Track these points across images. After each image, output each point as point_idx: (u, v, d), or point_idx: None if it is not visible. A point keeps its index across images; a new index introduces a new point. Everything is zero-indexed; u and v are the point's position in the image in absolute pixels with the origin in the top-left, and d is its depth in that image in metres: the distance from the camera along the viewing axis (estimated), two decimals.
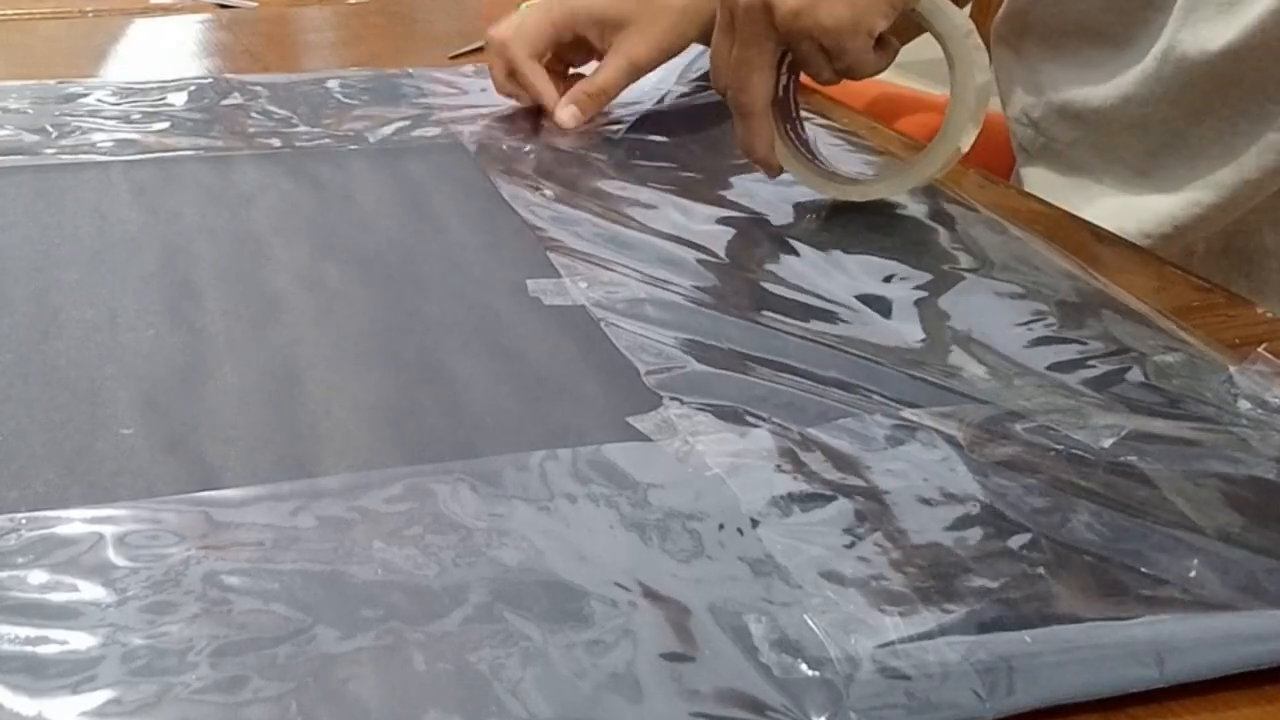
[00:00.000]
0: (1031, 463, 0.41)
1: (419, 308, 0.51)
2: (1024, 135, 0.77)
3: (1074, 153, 0.74)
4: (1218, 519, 0.38)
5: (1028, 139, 0.77)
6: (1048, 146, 0.76)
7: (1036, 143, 0.76)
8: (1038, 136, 0.76)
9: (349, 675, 0.31)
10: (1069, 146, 0.74)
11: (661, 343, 0.48)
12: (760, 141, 0.61)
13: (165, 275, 0.52)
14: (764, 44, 0.58)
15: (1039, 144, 0.76)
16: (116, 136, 0.68)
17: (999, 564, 0.36)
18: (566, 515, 0.38)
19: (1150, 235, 0.70)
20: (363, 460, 0.40)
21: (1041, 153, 0.76)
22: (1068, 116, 0.74)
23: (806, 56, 0.58)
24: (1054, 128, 0.75)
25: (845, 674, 0.32)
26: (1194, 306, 0.54)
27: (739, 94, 0.60)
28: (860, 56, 0.57)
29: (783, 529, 0.37)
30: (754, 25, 0.57)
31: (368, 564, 0.35)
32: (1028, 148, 0.77)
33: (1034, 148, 0.77)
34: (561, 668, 0.32)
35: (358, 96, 0.77)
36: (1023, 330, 0.50)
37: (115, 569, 0.34)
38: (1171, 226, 0.70)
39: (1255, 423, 0.44)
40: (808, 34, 0.56)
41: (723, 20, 0.60)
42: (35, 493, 0.38)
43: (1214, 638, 0.34)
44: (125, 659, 0.31)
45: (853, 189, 0.62)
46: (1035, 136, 0.76)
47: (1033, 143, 0.77)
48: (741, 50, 0.58)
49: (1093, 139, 0.73)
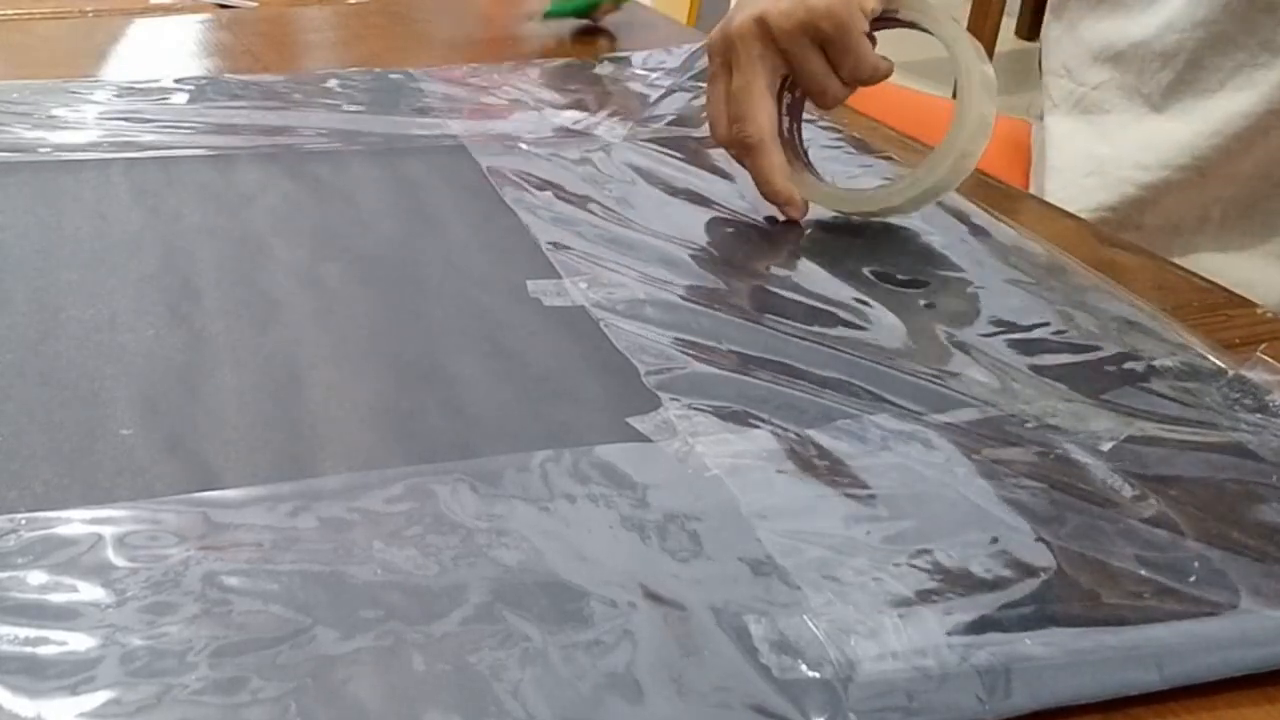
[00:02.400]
0: (1031, 466, 0.41)
1: (419, 308, 0.51)
2: (1059, 88, 0.78)
3: (1100, 95, 0.75)
4: (1218, 523, 0.38)
5: (1062, 91, 0.78)
6: (1075, 93, 0.77)
7: (1065, 90, 0.77)
8: (1071, 85, 0.77)
9: (348, 676, 0.31)
10: (1095, 89, 0.75)
11: (661, 343, 0.48)
12: (777, 172, 0.58)
13: (165, 275, 0.52)
14: (762, 64, 0.57)
15: (1067, 92, 0.77)
16: (117, 136, 0.68)
17: (998, 567, 0.36)
18: (566, 516, 0.38)
19: (1169, 166, 0.71)
20: (362, 461, 0.40)
21: (1068, 99, 0.78)
22: (1101, 59, 0.75)
23: (807, 66, 0.57)
24: (1086, 72, 0.76)
25: (844, 675, 0.32)
26: (1194, 306, 0.54)
27: (744, 126, 0.58)
28: (859, 46, 0.56)
29: (782, 530, 0.37)
30: (750, 45, 0.57)
31: (367, 564, 0.35)
32: (1057, 99, 0.78)
33: (1063, 96, 0.78)
34: (561, 668, 0.32)
35: (358, 97, 0.77)
36: (1024, 335, 0.50)
37: (114, 569, 0.34)
38: (1190, 157, 0.70)
39: (1255, 427, 0.44)
40: (804, 29, 0.56)
41: (713, 69, 0.59)
42: (34, 493, 0.38)
43: (1214, 641, 0.34)
44: (124, 660, 0.31)
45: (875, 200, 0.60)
46: (1067, 85, 0.77)
47: (1063, 92, 0.78)
48: (740, 77, 0.57)
49: (1119, 79, 0.74)
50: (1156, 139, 0.72)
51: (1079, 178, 0.75)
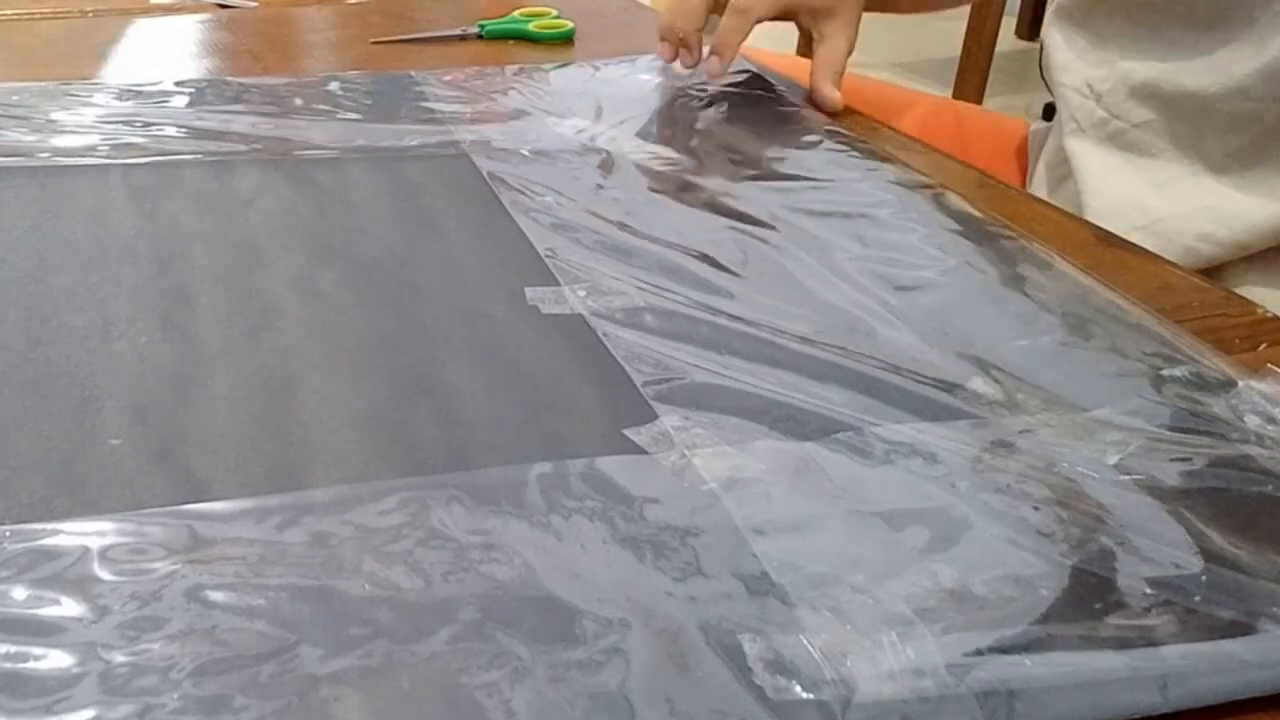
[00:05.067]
0: (1036, 479, 0.40)
1: (415, 315, 0.50)
2: (1082, 107, 0.75)
3: (1142, 135, 0.72)
4: (1225, 539, 0.38)
5: (1085, 112, 0.75)
6: (1109, 123, 0.73)
7: (1095, 117, 0.74)
8: (1100, 112, 0.74)
9: (334, 695, 0.31)
10: (1137, 128, 0.72)
11: (660, 353, 0.47)
12: None
13: (160, 281, 0.52)
14: None
15: (1098, 119, 0.74)
16: (115, 139, 0.67)
17: (1000, 585, 0.35)
18: (559, 530, 0.37)
19: (1242, 246, 0.66)
20: (354, 472, 0.40)
21: (1099, 128, 0.74)
22: (1144, 96, 0.71)
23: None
24: (1123, 105, 0.72)
25: (841, 697, 0.31)
26: (1194, 306, 0.54)
27: None
28: None
29: (780, 546, 0.37)
30: None
31: (356, 579, 0.35)
32: (1082, 121, 0.75)
33: (1090, 121, 0.74)
34: (552, 688, 0.31)
35: (359, 100, 0.76)
36: (1027, 343, 0.49)
37: (98, 584, 0.34)
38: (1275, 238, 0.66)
39: (1263, 439, 0.43)
40: None
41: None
42: (20, 504, 0.37)
43: (1221, 662, 0.33)
44: (104, 677, 0.31)
45: None
46: (1096, 111, 0.74)
47: (1090, 116, 0.74)
48: None
49: (1170, 125, 0.70)
50: (1225, 212, 0.68)
51: (1125, 227, 0.69)
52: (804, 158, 0.69)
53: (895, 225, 0.60)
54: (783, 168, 0.68)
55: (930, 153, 0.72)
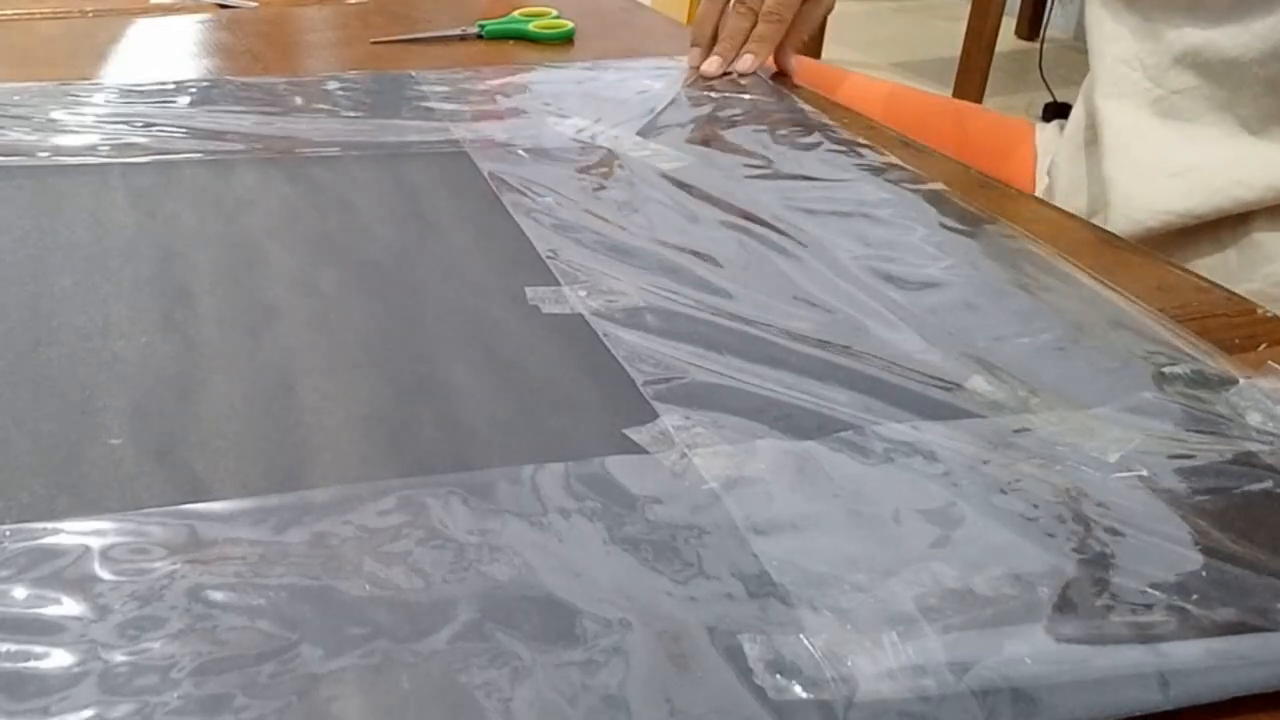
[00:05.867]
0: (1036, 478, 0.40)
1: (415, 315, 0.50)
2: (1130, 82, 0.76)
3: (1181, 100, 0.73)
4: (1227, 537, 0.38)
5: (1129, 82, 0.76)
6: (1151, 93, 0.75)
7: (1139, 86, 0.75)
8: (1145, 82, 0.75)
9: (334, 694, 0.31)
10: (1177, 94, 0.73)
11: (660, 352, 0.47)
12: None
13: (160, 281, 0.52)
14: None
15: (1141, 88, 0.75)
16: (116, 139, 0.67)
17: (1001, 584, 0.35)
18: (559, 530, 0.37)
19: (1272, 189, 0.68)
20: (354, 472, 0.40)
21: (1144, 96, 0.75)
22: (1187, 64, 0.73)
23: None
24: (1166, 74, 0.74)
25: (842, 696, 0.31)
26: (1194, 306, 0.54)
27: None
28: None
29: (780, 545, 0.36)
30: None
31: (356, 579, 0.35)
32: (1122, 86, 0.76)
33: (1132, 90, 0.75)
34: (551, 688, 0.31)
35: (359, 100, 0.76)
36: (1028, 342, 0.49)
37: (99, 583, 0.34)
38: None
39: (1265, 436, 0.43)
40: None
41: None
42: (21, 504, 0.37)
43: (1222, 659, 0.33)
44: (104, 677, 0.31)
45: None
46: (1141, 81, 0.75)
47: (1133, 86, 0.75)
48: None
49: (1209, 90, 0.72)
50: (1258, 160, 0.70)
51: (1161, 176, 0.72)
52: (804, 157, 0.69)
53: (896, 224, 0.60)
54: (783, 167, 0.68)
55: (930, 153, 0.73)
